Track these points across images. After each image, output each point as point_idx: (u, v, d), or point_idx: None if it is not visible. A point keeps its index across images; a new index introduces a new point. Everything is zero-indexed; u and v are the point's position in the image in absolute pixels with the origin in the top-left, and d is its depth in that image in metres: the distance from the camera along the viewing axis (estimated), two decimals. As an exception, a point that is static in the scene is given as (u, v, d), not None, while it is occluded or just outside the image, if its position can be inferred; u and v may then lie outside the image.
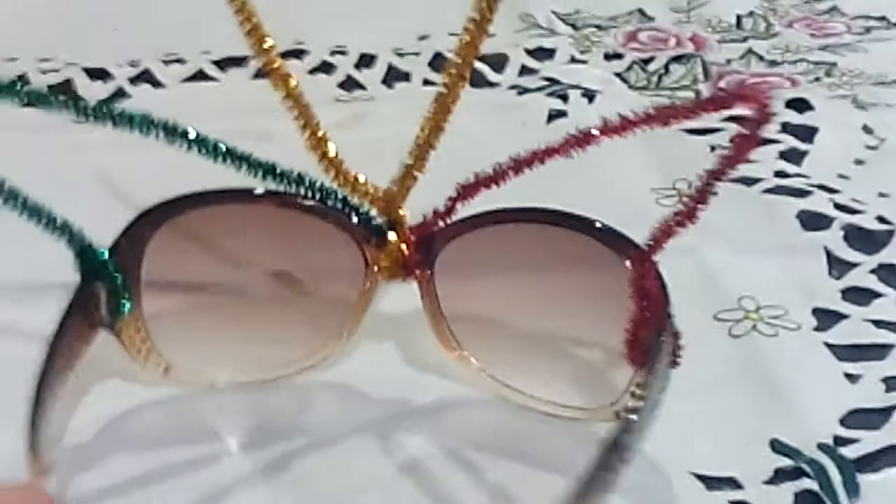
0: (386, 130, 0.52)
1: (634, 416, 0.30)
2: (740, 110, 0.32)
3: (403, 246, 0.34)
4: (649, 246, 0.32)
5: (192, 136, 0.32)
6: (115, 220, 0.34)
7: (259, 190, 0.34)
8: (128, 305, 0.33)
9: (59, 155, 0.48)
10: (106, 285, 0.33)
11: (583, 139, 0.32)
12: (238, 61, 0.56)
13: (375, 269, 0.34)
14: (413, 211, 0.34)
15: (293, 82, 0.32)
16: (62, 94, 0.31)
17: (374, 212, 0.34)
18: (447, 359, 0.36)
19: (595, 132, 0.32)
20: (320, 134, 0.33)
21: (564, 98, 0.55)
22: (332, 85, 0.57)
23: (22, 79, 0.56)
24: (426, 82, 0.57)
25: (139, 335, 0.34)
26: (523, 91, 0.56)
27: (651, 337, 0.31)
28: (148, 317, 0.34)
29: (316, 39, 0.60)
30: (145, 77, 0.57)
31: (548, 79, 0.57)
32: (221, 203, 0.34)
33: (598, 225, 0.33)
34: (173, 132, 0.32)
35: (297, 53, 0.58)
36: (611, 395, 0.34)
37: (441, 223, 0.34)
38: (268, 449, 0.34)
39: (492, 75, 0.57)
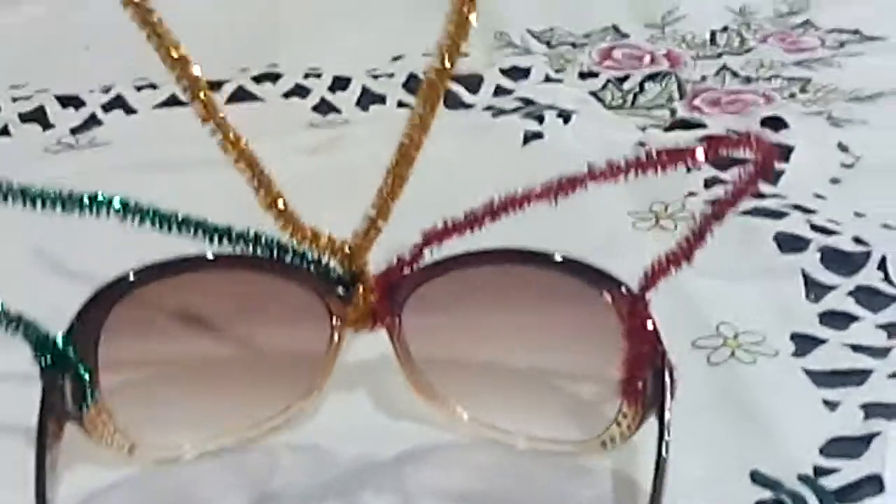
0: (361, 154, 0.52)
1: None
2: (741, 154, 0.31)
3: (369, 296, 0.34)
4: (642, 287, 0.32)
5: (121, 206, 0.31)
6: (54, 298, 0.33)
7: (213, 254, 0.33)
8: (91, 395, 0.32)
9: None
10: (69, 376, 0.32)
11: (567, 185, 0.31)
12: (211, 86, 0.56)
13: (341, 321, 0.34)
14: (382, 247, 0.34)
15: (243, 142, 0.31)
16: None
17: (335, 264, 0.33)
18: (421, 405, 0.35)
19: (580, 178, 0.32)
20: (274, 192, 0.32)
21: (540, 119, 0.55)
22: (307, 108, 0.57)
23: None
24: (401, 104, 0.57)
25: (100, 418, 0.33)
26: (498, 112, 0.55)
27: (647, 374, 0.32)
28: (108, 399, 0.33)
29: (290, 61, 0.60)
30: (118, 103, 0.56)
31: (523, 99, 0.57)
32: (176, 273, 0.33)
33: (578, 263, 0.33)
34: (101, 205, 0.31)
35: (272, 77, 0.58)
36: (596, 428, 0.34)
37: (407, 270, 0.33)
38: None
39: (466, 96, 0.57)
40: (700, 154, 0.32)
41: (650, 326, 0.32)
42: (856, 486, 0.34)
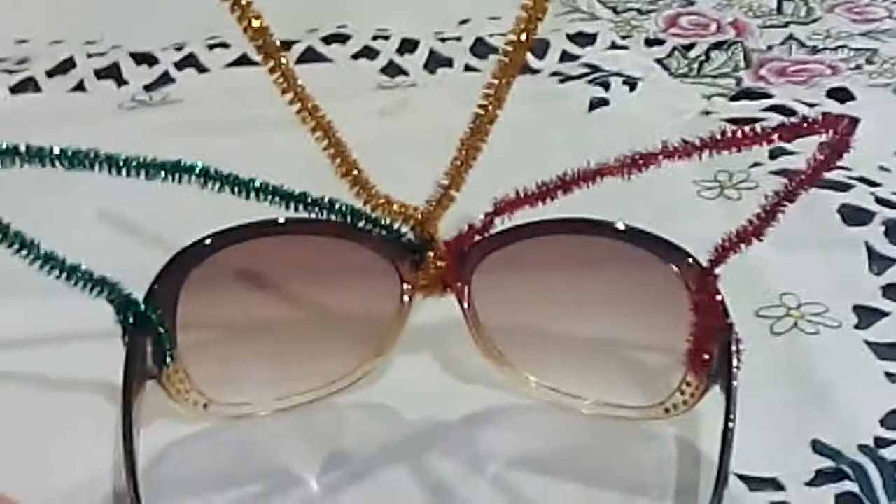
0: (428, 117, 0.52)
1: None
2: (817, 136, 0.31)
3: (439, 261, 0.34)
4: (711, 261, 0.32)
5: (203, 171, 0.32)
6: (129, 262, 0.34)
7: (289, 218, 0.34)
8: (173, 354, 0.34)
9: (63, 198, 0.45)
10: (151, 337, 0.33)
11: (641, 161, 0.32)
12: (283, 45, 0.57)
13: (411, 286, 0.35)
14: (455, 214, 0.34)
15: (321, 112, 0.32)
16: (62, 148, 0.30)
17: (407, 230, 0.34)
18: (489, 368, 0.36)
19: (654, 154, 0.32)
20: (350, 161, 0.33)
21: (606, 86, 0.55)
22: (375, 70, 0.57)
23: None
24: (468, 68, 0.57)
25: (177, 376, 0.34)
26: (565, 78, 0.56)
27: (714, 346, 0.32)
28: (185, 358, 0.34)
29: (358, 22, 0.60)
30: (190, 61, 0.57)
31: (589, 65, 0.57)
32: (252, 237, 0.34)
33: (648, 234, 0.34)
34: (183, 171, 0.31)
35: (341, 38, 0.59)
36: (660, 394, 0.34)
37: (477, 237, 0.34)
38: (306, 473, 0.35)
39: (534, 62, 0.57)
40: (777, 137, 0.32)
41: (719, 302, 0.32)
42: (917, 457, 0.35)
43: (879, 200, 0.46)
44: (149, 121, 0.53)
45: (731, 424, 0.31)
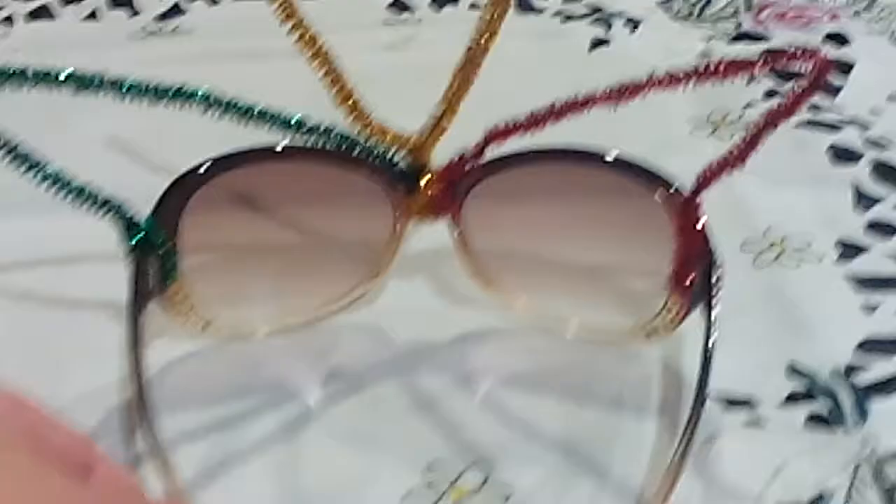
0: (432, 54, 0.53)
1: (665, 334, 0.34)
2: (798, 67, 0.32)
3: (432, 188, 0.35)
4: (695, 188, 0.34)
5: (209, 97, 0.32)
6: (132, 185, 0.35)
7: (286, 145, 0.35)
8: (175, 274, 0.35)
9: (70, 125, 0.47)
10: (154, 257, 0.34)
11: (628, 91, 0.33)
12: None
13: (404, 212, 0.36)
14: (446, 144, 0.36)
15: (319, 42, 0.34)
16: (62, 73, 0.31)
17: (401, 158, 0.35)
18: (478, 292, 0.37)
19: (643, 84, 0.33)
20: (346, 89, 0.34)
21: (608, 26, 0.56)
22: (382, 6, 0.58)
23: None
24: (472, 6, 0.58)
25: (178, 297, 0.35)
26: (567, 18, 0.57)
27: (696, 269, 0.34)
28: (186, 279, 0.35)
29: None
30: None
31: (591, 6, 0.58)
32: (250, 162, 0.35)
33: (633, 163, 0.35)
34: (186, 97, 0.32)
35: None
36: (642, 318, 0.36)
37: (469, 165, 0.35)
38: (302, 387, 0.36)
39: (537, 1, 0.58)
40: (758, 66, 0.33)
41: (701, 227, 0.33)
42: (886, 384, 0.36)
43: (868, 141, 0.47)
44: (159, 50, 0.54)
45: (710, 344, 0.33)
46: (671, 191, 0.34)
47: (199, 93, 0.32)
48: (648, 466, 0.33)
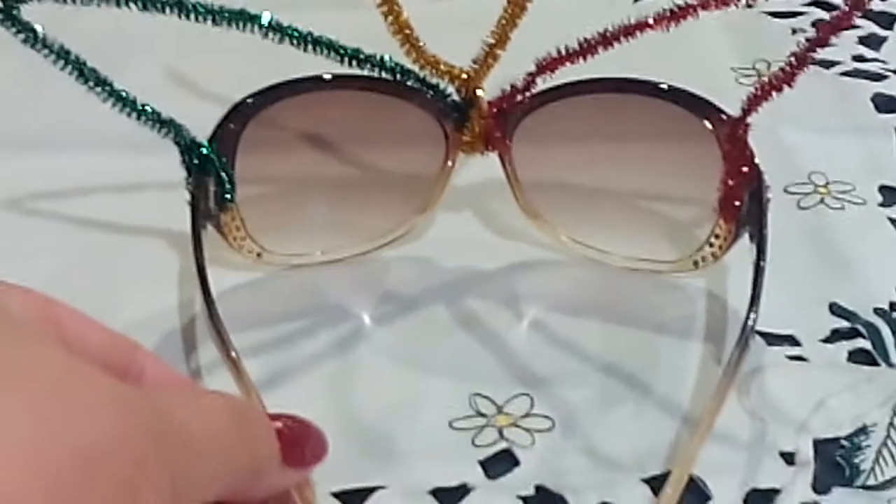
0: (479, 2, 0.54)
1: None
2: None
3: (483, 121, 0.36)
4: (744, 109, 0.34)
5: (267, 22, 0.33)
6: (190, 114, 0.36)
7: (340, 74, 0.35)
8: (233, 195, 0.36)
9: (126, 49, 0.48)
10: (213, 178, 0.35)
11: (672, 15, 0.33)
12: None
13: (455, 144, 0.37)
14: (497, 84, 0.36)
15: None
16: None
17: (452, 90, 0.36)
18: (526, 226, 0.38)
19: (687, 6, 0.34)
20: (402, 19, 0.34)
21: (654, -23, 0.56)
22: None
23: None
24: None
25: (234, 223, 0.36)
26: (613, -31, 0.57)
27: (744, 193, 0.34)
28: (242, 206, 0.36)
29: None
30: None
31: (639, -42, 0.58)
32: (306, 91, 0.36)
33: (683, 91, 0.35)
34: (249, 20, 0.33)
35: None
36: (690, 248, 0.36)
37: (519, 97, 0.36)
38: (357, 309, 0.37)
39: (583, -48, 0.58)
40: None
41: (748, 149, 0.34)
42: (928, 321, 0.36)
43: (913, 91, 0.48)
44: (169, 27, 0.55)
45: (762, 264, 0.33)
46: (720, 117, 0.35)
47: (261, 17, 0.33)
48: (692, 391, 0.34)
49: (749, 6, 0.33)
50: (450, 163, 0.37)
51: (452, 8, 0.55)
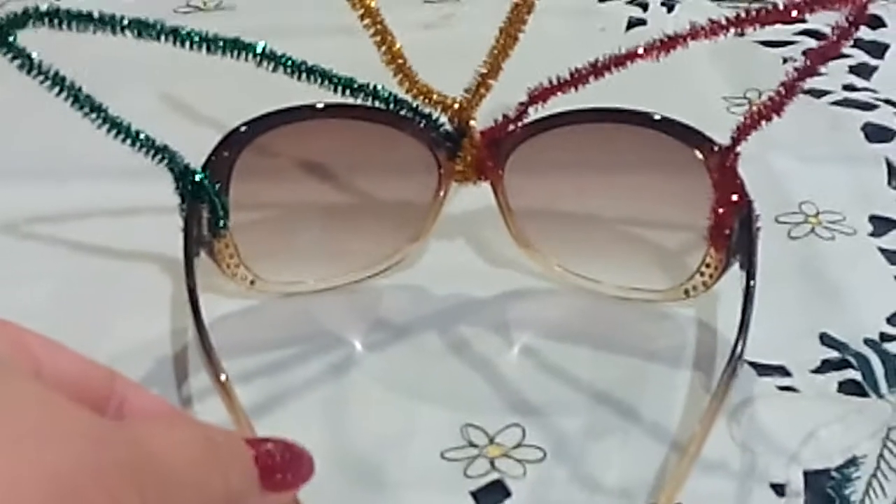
0: (472, 32, 0.54)
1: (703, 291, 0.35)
2: (834, 8, 0.33)
3: (475, 149, 0.36)
4: (733, 138, 0.34)
5: (262, 50, 0.34)
6: (184, 141, 0.36)
7: (334, 103, 0.36)
8: (226, 222, 0.36)
9: (123, 75, 0.49)
10: (207, 205, 0.35)
11: (663, 44, 0.33)
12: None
13: (447, 173, 0.37)
14: (489, 113, 0.36)
15: (370, 1, 0.34)
16: (126, 18, 0.31)
17: (445, 119, 0.36)
18: (518, 254, 0.38)
19: (676, 37, 0.34)
20: (396, 49, 0.35)
21: (644, 7, 0.57)
22: (423, -14, 0.59)
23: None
24: (511, -15, 0.59)
25: (228, 251, 0.37)
26: (605, -2, 0.58)
27: (734, 221, 0.34)
28: (235, 234, 0.36)
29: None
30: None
31: (629, -15, 0.58)
32: (300, 119, 0.36)
33: (673, 121, 0.35)
34: (243, 48, 0.33)
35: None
36: (681, 277, 0.36)
37: (511, 126, 0.36)
38: (350, 336, 0.37)
39: (575, -20, 0.59)
40: (796, 11, 0.34)
41: (738, 178, 0.34)
42: (918, 352, 0.37)
43: (903, 120, 0.48)
44: (202, 25, 0.54)
45: (752, 291, 0.33)
46: (710, 147, 0.35)
47: (257, 46, 0.33)
48: (681, 419, 0.34)
49: (741, 35, 0.33)
50: (442, 192, 0.37)
51: (446, 36, 0.55)
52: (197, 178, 0.35)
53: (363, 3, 0.35)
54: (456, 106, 0.36)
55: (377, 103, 0.36)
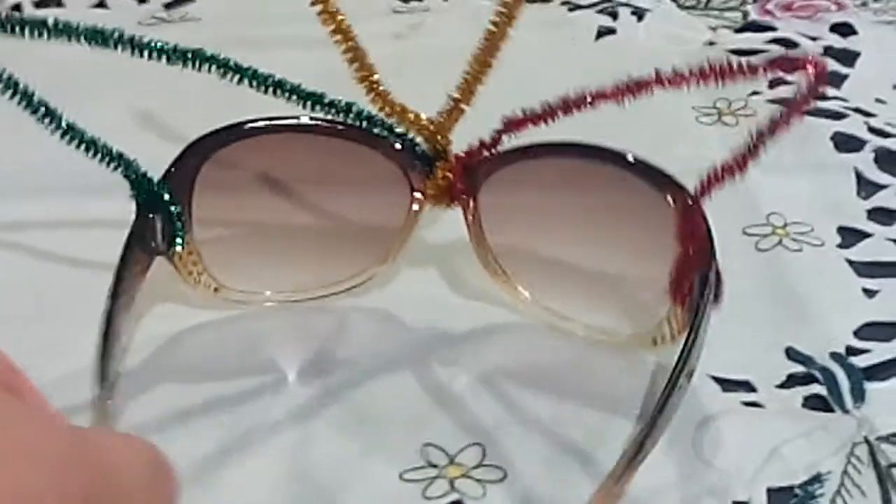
0: (441, 41, 0.54)
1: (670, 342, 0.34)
2: (796, 75, 0.33)
3: (448, 173, 0.36)
4: (697, 193, 0.33)
5: (225, 63, 0.33)
6: (153, 151, 0.36)
7: (306, 119, 0.35)
8: (182, 234, 0.35)
9: (94, 83, 0.49)
10: (162, 215, 0.35)
11: (635, 88, 0.33)
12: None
13: (420, 195, 0.36)
14: (460, 133, 0.36)
15: (341, 17, 0.34)
16: (81, 26, 0.31)
17: (420, 140, 0.36)
18: (489, 285, 0.38)
19: (648, 81, 0.33)
20: (367, 63, 0.34)
21: (614, 15, 0.56)
22: (391, -6, 0.59)
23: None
24: (480, -5, 0.58)
25: (191, 258, 0.36)
26: (574, 7, 0.57)
27: (694, 277, 0.33)
28: (199, 242, 0.36)
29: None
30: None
31: (599, -5, 0.58)
32: (269, 133, 0.36)
33: (646, 165, 0.34)
34: (205, 60, 0.33)
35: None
36: (649, 324, 0.35)
37: (486, 153, 0.35)
38: (305, 373, 0.36)
39: (545, -10, 0.58)
40: (759, 73, 0.33)
41: (702, 233, 0.33)
42: (884, 366, 0.36)
43: (872, 130, 0.47)
44: (167, 38, 0.54)
45: (687, 354, 0.31)
46: (678, 193, 0.34)
47: (219, 56, 0.33)
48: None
49: (710, 44, 0.32)
50: (414, 214, 0.37)
51: (415, 47, 0.55)
52: (153, 186, 0.34)
53: (335, 19, 0.34)
54: (431, 127, 0.35)
55: (349, 119, 0.35)
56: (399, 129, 0.36)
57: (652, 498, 0.32)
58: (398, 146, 0.36)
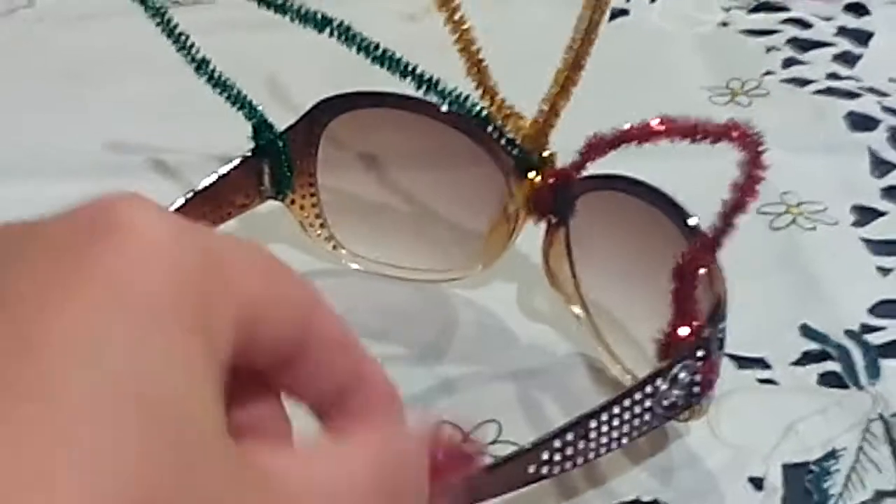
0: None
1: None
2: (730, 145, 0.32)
3: (540, 186, 0.35)
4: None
5: (375, 49, 0.34)
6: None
7: (434, 101, 0.35)
8: (290, 183, 0.37)
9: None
10: (273, 161, 0.37)
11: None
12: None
13: (519, 204, 0.35)
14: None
15: (465, 26, 0.34)
16: None
17: (518, 141, 0.35)
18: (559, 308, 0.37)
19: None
20: (482, 66, 0.34)
21: (627, -4, 0.56)
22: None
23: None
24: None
25: (314, 210, 0.38)
26: (587, -11, 0.57)
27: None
28: (322, 195, 0.38)
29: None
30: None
31: (612, -23, 0.58)
32: (397, 107, 0.37)
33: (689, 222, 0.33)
34: (352, 37, 0.34)
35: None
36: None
37: (576, 174, 0.34)
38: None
39: (558, -28, 0.58)
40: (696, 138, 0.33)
41: (693, 304, 0.32)
42: (898, 343, 0.36)
43: (886, 109, 0.47)
44: (183, 20, 0.55)
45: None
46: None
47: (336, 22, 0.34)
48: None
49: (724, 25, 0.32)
50: (512, 227, 0.36)
51: (427, 30, 0.54)
52: (273, 133, 0.37)
53: (458, 27, 0.35)
54: (530, 132, 0.35)
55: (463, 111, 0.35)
56: (510, 135, 0.35)
57: (668, 474, 0.32)
58: (509, 151, 0.35)
